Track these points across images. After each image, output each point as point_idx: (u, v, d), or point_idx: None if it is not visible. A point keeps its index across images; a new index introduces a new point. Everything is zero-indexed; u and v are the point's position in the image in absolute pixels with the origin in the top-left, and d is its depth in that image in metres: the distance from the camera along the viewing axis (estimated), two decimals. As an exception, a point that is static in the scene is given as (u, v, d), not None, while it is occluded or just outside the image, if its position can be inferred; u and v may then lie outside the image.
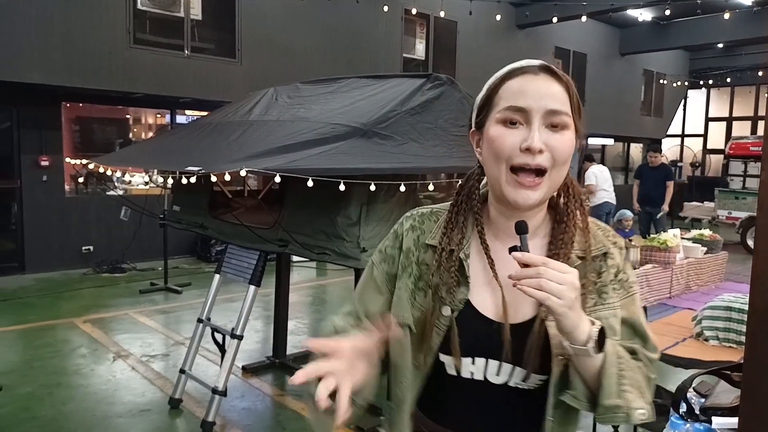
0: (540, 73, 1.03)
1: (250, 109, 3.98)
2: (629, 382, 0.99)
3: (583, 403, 1.02)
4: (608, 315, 1.06)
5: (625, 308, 1.09)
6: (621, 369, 0.99)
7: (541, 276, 0.90)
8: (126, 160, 4.02)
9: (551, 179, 1.02)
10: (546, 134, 1.00)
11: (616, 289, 1.08)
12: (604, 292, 1.07)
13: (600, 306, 1.06)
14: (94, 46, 7.32)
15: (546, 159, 0.99)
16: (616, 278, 1.08)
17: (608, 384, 0.98)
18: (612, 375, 0.98)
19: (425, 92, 3.35)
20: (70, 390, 4.17)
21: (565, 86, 1.03)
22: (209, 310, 3.93)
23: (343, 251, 3.05)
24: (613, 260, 1.09)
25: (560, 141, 1.00)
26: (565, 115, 1.01)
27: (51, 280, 7.57)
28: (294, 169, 2.59)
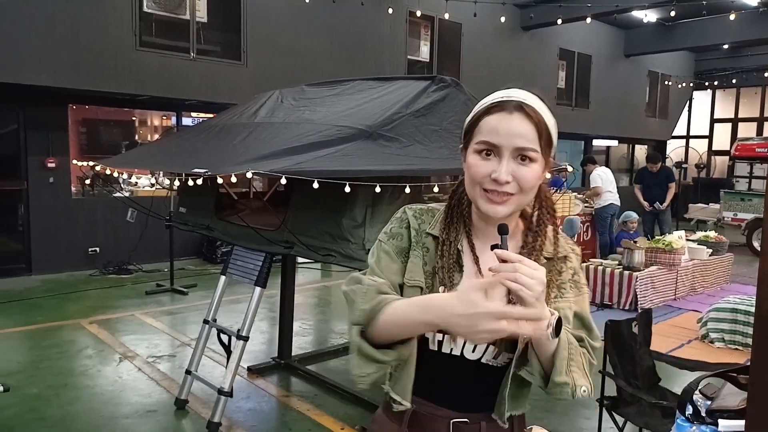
0: (514, 112, 1.19)
1: (256, 111, 3.99)
2: (576, 365, 1.19)
3: (536, 378, 1.20)
4: (564, 307, 1.26)
5: (577, 304, 1.30)
6: (571, 353, 1.18)
7: (517, 271, 1.06)
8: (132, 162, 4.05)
9: (517, 201, 1.21)
10: (514, 165, 1.18)
11: (572, 287, 1.30)
12: (563, 288, 1.29)
13: (559, 299, 1.27)
14: (100, 49, 7.36)
15: (512, 187, 1.19)
16: (572, 278, 1.31)
17: (560, 364, 1.16)
18: (563, 357, 1.16)
19: (430, 94, 3.35)
20: (77, 391, 4.19)
21: (536, 125, 1.19)
22: (215, 312, 3.95)
23: (349, 253, 3.06)
24: (571, 263, 1.32)
25: (526, 172, 1.19)
26: (532, 151, 1.19)
27: (57, 281, 7.61)
28: (300, 171, 2.60)
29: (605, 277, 6.82)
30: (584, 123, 14.47)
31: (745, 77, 16.60)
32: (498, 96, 1.23)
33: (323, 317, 6.38)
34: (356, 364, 1.20)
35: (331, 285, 7.88)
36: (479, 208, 1.23)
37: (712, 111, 18.32)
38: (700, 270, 7.67)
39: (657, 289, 6.91)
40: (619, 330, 3.00)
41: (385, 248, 1.32)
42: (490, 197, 1.19)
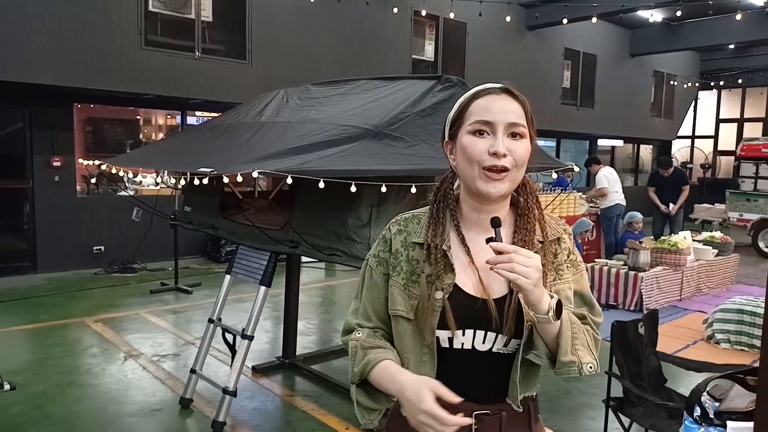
0: (501, 93, 1.29)
1: (261, 110, 3.99)
2: (580, 342, 1.23)
3: (543, 360, 1.26)
4: (564, 288, 1.32)
5: (575, 282, 1.35)
6: (574, 332, 1.23)
7: (513, 261, 1.13)
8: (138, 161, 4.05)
9: (513, 175, 1.27)
10: (508, 141, 1.26)
11: (569, 267, 1.35)
12: (560, 269, 1.34)
13: (558, 281, 1.32)
14: (105, 48, 7.38)
15: (508, 161, 1.25)
16: (568, 258, 1.36)
17: (564, 344, 1.21)
18: (567, 337, 1.21)
19: (436, 94, 3.35)
20: (82, 389, 4.20)
21: (521, 104, 1.30)
22: (220, 311, 3.95)
23: (354, 252, 3.05)
24: (565, 243, 1.36)
25: (519, 147, 1.27)
26: (522, 127, 1.27)
27: (63, 280, 7.64)
28: (305, 171, 2.59)
29: (610, 278, 6.81)
30: (589, 123, 14.43)
31: (751, 77, 16.53)
32: (480, 87, 1.33)
33: (327, 317, 6.38)
34: (359, 415, 1.37)
35: (335, 284, 7.89)
36: (479, 189, 1.27)
37: (718, 111, 18.24)
38: (705, 271, 7.64)
39: (662, 289, 6.89)
40: (625, 331, 2.99)
41: (375, 278, 1.40)
42: (489, 175, 1.25)
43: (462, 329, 1.29)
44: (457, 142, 1.31)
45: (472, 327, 1.29)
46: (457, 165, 1.32)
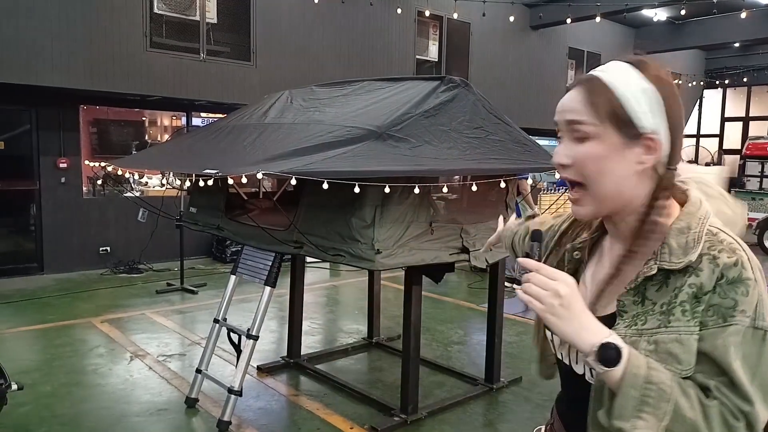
0: (575, 87, 1.03)
1: (266, 111, 4.02)
2: (653, 412, 0.88)
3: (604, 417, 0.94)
4: (667, 340, 0.94)
5: (708, 339, 0.92)
6: (646, 395, 0.89)
7: (529, 280, 0.93)
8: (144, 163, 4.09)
9: (593, 194, 0.99)
10: (571, 147, 1.00)
11: (691, 312, 0.93)
12: (671, 313, 0.95)
13: (662, 328, 0.94)
14: (112, 50, 7.42)
15: (572, 173, 1.00)
16: (695, 300, 0.93)
17: (619, 405, 0.90)
18: (628, 396, 0.89)
19: (439, 95, 3.36)
20: (89, 389, 4.24)
21: (588, 94, 0.98)
22: (225, 311, 3.98)
23: (358, 253, 3.08)
24: (697, 278, 0.94)
25: (580, 152, 0.99)
26: (582, 125, 0.98)
27: (70, 281, 7.69)
28: (309, 172, 2.62)
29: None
30: (594, 122, 14.38)
31: (756, 75, 16.46)
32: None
33: (332, 317, 6.40)
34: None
35: (339, 284, 7.91)
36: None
37: (723, 110, 18.18)
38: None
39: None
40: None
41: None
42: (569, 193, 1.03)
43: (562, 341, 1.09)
44: None
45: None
46: None
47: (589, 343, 0.90)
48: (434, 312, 6.33)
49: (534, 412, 3.92)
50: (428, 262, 3.28)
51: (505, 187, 3.32)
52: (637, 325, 0.96)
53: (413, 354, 3.69)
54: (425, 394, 4.05)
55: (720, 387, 0.91)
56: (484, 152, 3.08)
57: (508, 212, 3.90)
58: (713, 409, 0.90)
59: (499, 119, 3.39)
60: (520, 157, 3.16)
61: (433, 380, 4.45)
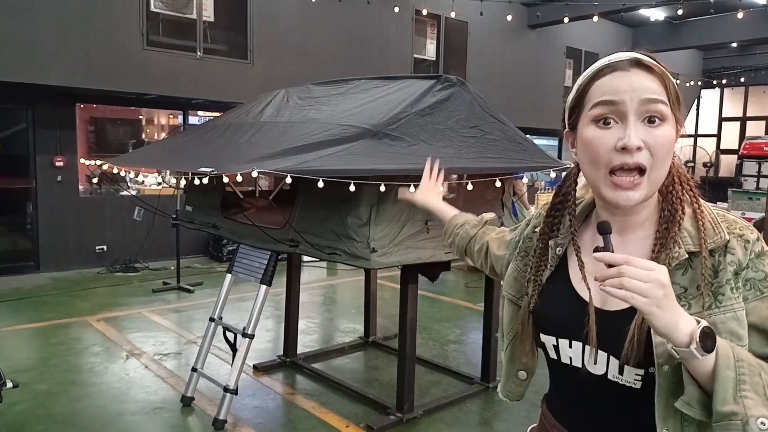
0: (631, 68, 1.00)
1: (262, 110, 4.02)
2: (752, 388, 0.89)
3: (696, 411, 0.93)
4: (725, 319, 0.96)
5: (754, 312, 0.97)
6: (741, 373, 0.90)
7: (623, 274, 0.87)
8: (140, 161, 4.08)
9: (651, 178, 0.98)
10: (643, 130, 0.97)
11: (738, 289, 0.97)
12: (719, 293, 0.97)
13: (714, 309, 0.96)
14: (108, 48, 7.41)
15: (645, 157, 0.96)
16: (736, 276, 0.98)
17: (722, 388, 0.89)
18: (727, 378, 0.89)
19: (435, 93, 3.36)
20: (85, 387, 4.23)
21: (660, 78, 0.99)
22: (221, 309, 3.97)
23: (354, 251, 3.07)
24: (733, 255, 0.98)
25: (659, 136, 0.97)
26: (662, 104, 0.97)
27: (66, 279, 7.67)
28: (305, 170, 2.61)
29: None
30: (591, 122, 14.39)
31: (754, 75, 16.50)
32: (604, 60, 1.05)
33: (329, 315, 6.40)
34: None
35: (336, 283, 7.91)
36: (605, 198, 1.00)
37: (720, 109, 18.21)
38: (707, 269, 7.63)
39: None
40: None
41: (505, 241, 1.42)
42: (617, 182, 0.97)
43: (567, 339, 1.07)
44: (577, 134, 1.05)
45: (578, 339, 1.05)
46: (580, 161, 1.06)
47: (688, 331, 0.89)
48: (431, 311, 6.33)
49: (530, 410, 3.90)
50: (424, 261, 3.28)
51: (501, 186, 3.32)
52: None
53: (409, 353, 3.69)
54: (421, 393, 4.05)
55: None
56: (480, 151, 3.08)
57: (504, 212, 3.91)
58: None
59: (495, 118, 3.39)
60: (516, 156, 3.16)
61: (429, 379, 4.45)
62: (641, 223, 1.05)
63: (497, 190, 3.52)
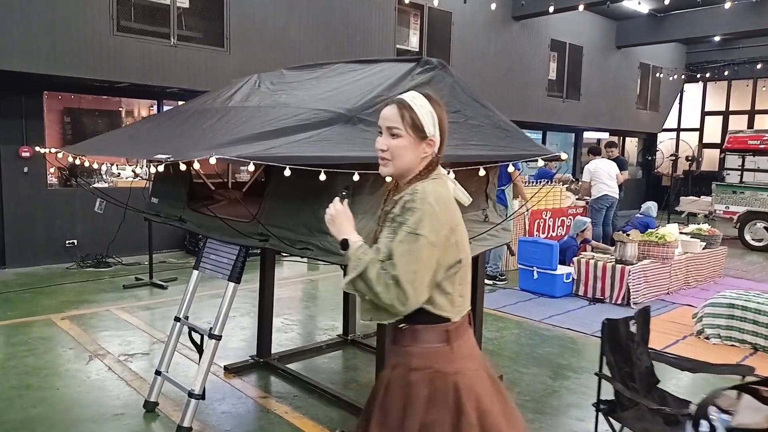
0: (391, 105, 1.83)
1: (231, 95, 3.75)
2: (353, 268, 1.71)
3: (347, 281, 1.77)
4: (382, 236, 1.77)
5: (391, 239, 1.72)
6: (357, 256, 1.72)
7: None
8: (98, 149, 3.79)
9: (393, 163, 1.81)
10: (387, 139, 1.81)
11: (389, 226, 1.74)
12: (385, 225, 1.78)
13: (380, 231, 1.82)
14: (76, 33, 7.07)
15: (387, 154, 1.81)
16: (392, 221, 1.74)
17: (349, 261, 1.74)
18: (351, 257, 1.74)
19: (415, 77, 3.13)
20: (42, 392, 3.95)
21: (400, 113, 1.79)
22: (187, 308, 3.72)
23: (326, 246, 2.84)
24: (395, 208, 1.76)
25: (393, 143, 1.80)
26: (396, 129, 1.79)
27: (33, 275, 7.35)
28: (270, 157, 2.37)
29: (597, 271, 6.65)
30: (575, 115, 14.29)
31: (737, 69, 16.50)
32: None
33: (308, 312, 6.16)
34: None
35: (317, 278, 7.66)
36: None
37: (703, 104, 18.22)
38: (693, 263, 7.52)
39: (650, 283, 6.75)
40: (616, 329, 2.81)
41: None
42: (379, 162, 1.84)
43: None
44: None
45: None
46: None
47: (339, 238, 1.81)
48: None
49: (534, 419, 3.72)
50: (403, 256, 3.04)
51: (485, 175, 3.10)
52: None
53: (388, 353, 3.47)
54: (401, 395, 3.83)
55: (386, 263, 1.67)
56: (463, 137, 2.86)
57: (488, 204, 3.69)
58: (381, 273, 1.68)
59: (479, 103, 3.16)
60: (502, 144, 2.93)
61: (410, 380, 4.23)
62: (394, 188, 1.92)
63: (481, 180, 3.30)
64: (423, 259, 1.64)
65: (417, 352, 1.76)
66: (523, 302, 6.56)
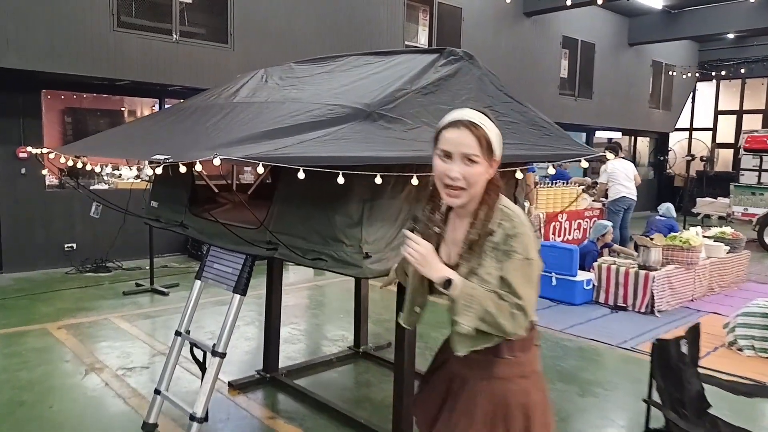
0: (462, 128, 1.68)
1: (236, 91, 3.48)
2: (472, 311, 1.64)
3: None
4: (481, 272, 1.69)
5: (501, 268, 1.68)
6: (467, 302, 1.65)
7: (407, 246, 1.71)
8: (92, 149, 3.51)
9: (468, 191, 1.69)
10: (462, 167, 1.67)
11: (493, 258, 1.69)
12: (483, 258, 1.70)
13: (478, 266, 1.70)
14: (75, 29, 6.80)
15: (462, 182, 1.68)
16: (493, 250, 1.69)
17: (456, 308, 1.65)
18: (458, 303, 1.65)
19: (439, 69, 2.84)
20: (34, 410, 3.68)
21: (477, 138, 1.67)
22: (189, 322, 3.43)
23: (342, 257, 2.55)
24: (493, 238, 1.70)
25: (471, 171, 1.67)
26: (475, 156, 1.66)
27: (30, 280, 7.08)
28: (281, 158, 2.08)
29: (619, 277, 6.34)
30: (587, 114, 13.97)
31: (752, 67, 16.14)
32: (449, 118, 1.74)
33: (316, 321, 5.86)
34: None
35: (324, 284, 7.37)
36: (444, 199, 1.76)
37: (716, 102, 17.85)
38: (717, 269, 7.20)
39: (674, 289, 6.44)
40: (667, 350, 2.51)
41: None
42: (447, 191, 1.71)
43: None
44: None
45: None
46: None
47: (437, 277, 1.70)
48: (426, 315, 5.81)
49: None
50: (426, 267, 2.75)
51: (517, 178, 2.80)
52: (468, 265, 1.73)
53: (407, 372, 3.18)
54: (420, 415, 3.54)
55: (507, 294, 1.67)
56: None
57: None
58: (503, 304, 1.66)
59: (511, 97, 2.87)
60: (540, 142, 2.64)
61: (428, 397, 3.93)
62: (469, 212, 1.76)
63: (510, 183, 3.01)
64: (536, 281, 1.70)
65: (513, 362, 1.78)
66: (542, 310, 6.25)
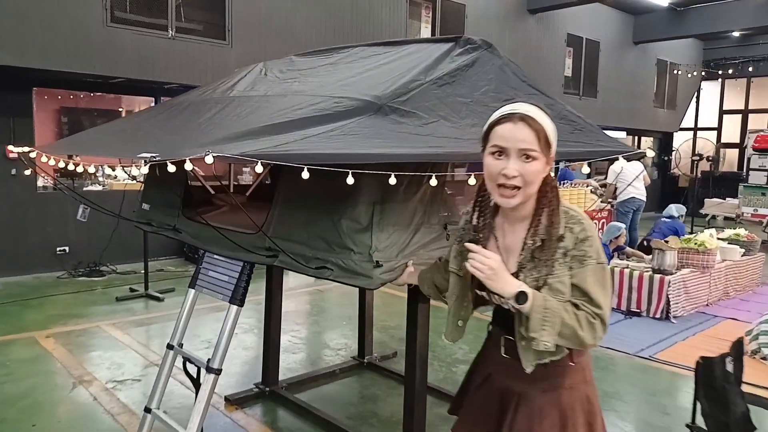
0: (518, 122, 1.57)
1: (233, 85, 3.22)
2: (550, 326, 1.56)
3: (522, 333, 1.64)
4: (553, 281, 1.61)
5: (575, 276, 1.61)
6: (545, 315, 1.56)
7: (473, 259, 1.58)
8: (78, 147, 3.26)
9: (524, 191, 1.59)
10: (519, 164, 1.57)
11: (565, 264, 1.62)
12: (554, 266, 1.62)
13: (549, 276, 1.61)
14: (66, 24, 6.54)
15: (518, 180, 1.57)
16: (564, 256, 1.62)
17: (532, 324, 1.56)
18: (535, 319, 1.56)
19: (455, 58, 2.59)
20: (15, 428, 3.42)
21: (535, 132, 1.56)
22: (182, 334, 3.17)
23: (350, 266, 2.30)
24: (564, 242, 1.62)
25: (529, 168, 1.57)
26: (532, 151, 1.56)
27: (21, 285, 6.83)
28: (282, 155, 1.83)
29: (633, 282, 6.09)
30: (592, 113, 13.65)
31: (758, 66, 15.91)
32: (503, 111, 1.61)
33: (317, 329, 5.60)
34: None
35: (325, 289, 7.11)
36: (496, 201, 1.65)
37: (721, 102, 17.61)
38: (732, 272, 6.96)
39: (690, 294, 6.19)
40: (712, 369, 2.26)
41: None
42: (501, 192, 1.59)
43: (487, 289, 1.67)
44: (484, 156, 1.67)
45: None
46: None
47: (509, 292, 1.57)
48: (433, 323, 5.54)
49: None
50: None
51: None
52: (533, 275, 1.63)
53: (419, 387, 2.94)
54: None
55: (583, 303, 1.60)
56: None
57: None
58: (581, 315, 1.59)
59: (536, 89, 2.63)
60: (572, 138, 2.40)
61: (438, 413, 3.66)
62: (522, 218, 1.68)
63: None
64: (609, 287, 1.63)
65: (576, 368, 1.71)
66: (553, 315, 6.00)
